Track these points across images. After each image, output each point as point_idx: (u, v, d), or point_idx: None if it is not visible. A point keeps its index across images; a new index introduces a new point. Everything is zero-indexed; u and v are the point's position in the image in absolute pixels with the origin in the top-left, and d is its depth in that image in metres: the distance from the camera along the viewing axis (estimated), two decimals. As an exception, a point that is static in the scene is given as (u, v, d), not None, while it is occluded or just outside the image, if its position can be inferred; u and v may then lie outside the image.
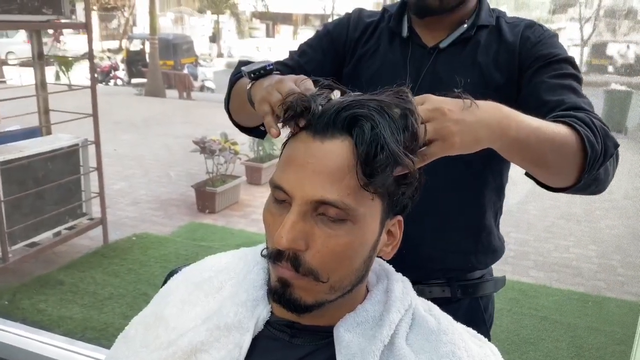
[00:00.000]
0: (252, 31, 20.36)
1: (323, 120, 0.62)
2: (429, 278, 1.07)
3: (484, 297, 1.12)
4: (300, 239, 0.61)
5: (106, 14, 20.24)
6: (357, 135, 0.60)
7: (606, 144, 0.81)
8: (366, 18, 1.11)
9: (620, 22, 7.29)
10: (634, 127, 5.72)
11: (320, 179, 0.61)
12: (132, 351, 0.76)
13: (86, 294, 3.17)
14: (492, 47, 1.02)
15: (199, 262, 0.82)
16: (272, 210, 0.66)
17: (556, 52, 0.97)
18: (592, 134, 0.79)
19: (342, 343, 0.66)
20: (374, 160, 0.59)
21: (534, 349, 2.75)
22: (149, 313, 0.79)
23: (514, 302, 3.25)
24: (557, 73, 0.94)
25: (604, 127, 0.83)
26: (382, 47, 1.08)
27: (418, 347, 0.68)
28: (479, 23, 1.03)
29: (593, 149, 0.78)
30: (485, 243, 1.09)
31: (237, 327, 0.70)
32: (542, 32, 1.01)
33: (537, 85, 0.95)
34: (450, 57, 1.03)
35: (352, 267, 0.65)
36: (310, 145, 0.62)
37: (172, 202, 5.09)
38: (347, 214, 0.61)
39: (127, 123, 8.37)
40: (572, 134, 0.78)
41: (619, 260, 3.95)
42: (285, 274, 0.63)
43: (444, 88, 0.97)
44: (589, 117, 0.82)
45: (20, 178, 3.22)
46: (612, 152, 0.82)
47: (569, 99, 0.90)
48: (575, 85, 0.93)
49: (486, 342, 0.76)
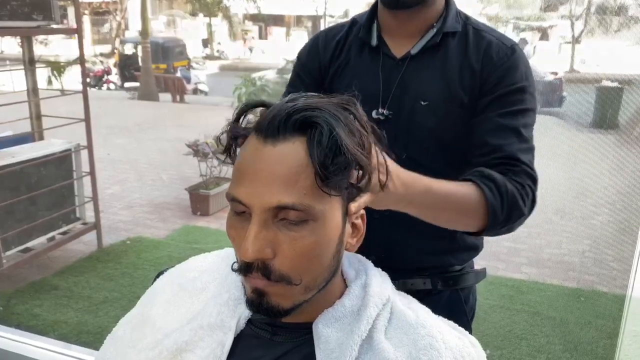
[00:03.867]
0: (245, 33, 20.35)
1: (274, 123, 0.62)
2: (405, 277, 1.09)
3: (464, 288, 1.14)
4: (266, 248, 0.61)
5: (98, 18, 20.19)
6: (314, 137, 0.61)
7: (511, 214, 0.91)
8: (333, 38, 1.11)
9: (611, 19, 7.34)
10: (625, 123, 5.77)
11: (276, 185, 0.60)
12: (120, 351, 0.78)
13: (81, 298, 3.17)
14: (457, 62, 1.02)
15: (184, 263, 0.84)
16: (233, 223, 0.65)
17: (515, 79, 0.98)
18: (499, 204, 0.89)
19: (321, 338, 0.67)
20: (333, 162, 0.60)
21: (526, 344, 2.77)
22: (136, 313, 0.80)
23: (507, 298, 3.27)
24: (506, 111, 0.97)
25: (515, 197, 0.91)
26: (352, 60, 1.08)
27: (397, 340, 0.69)
28: (445, 30, 1.02)
29: (495, 218, 0.90)
30: (460, 242, 1.10)
31: (219, 326, 0.71)
32: (506, 53, 1.00)
33: (484, 121, 0.98)
34: (420, 68, 1.03)
35: (322, 265, 0.65)
36: (261, 151, 0.62)
37: (166, 205, 5.09)
38: (308, 214, 0.61)
39: (121, 127, 8.36)
40: (479, 200, 0.89)
41: (611, 255, 3.98)
42: (258, 284, 0.63)
43: (410, 100, 1.02)
44: (505, 185, 0.90)
45: (13, 184, 3.22)
46: (515, 221, 0.93)
47: (509, 146, 0.95)
48: (522, 125, 0.97)
49: (467, 334, 0.77)
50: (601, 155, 5.20)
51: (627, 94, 6.07)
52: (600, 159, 5.08)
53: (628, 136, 5.24)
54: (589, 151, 5.32)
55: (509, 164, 0.94)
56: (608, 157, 5.11)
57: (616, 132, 5.73)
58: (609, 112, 5.88)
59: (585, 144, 5.60)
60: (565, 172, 5.21)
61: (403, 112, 1.02)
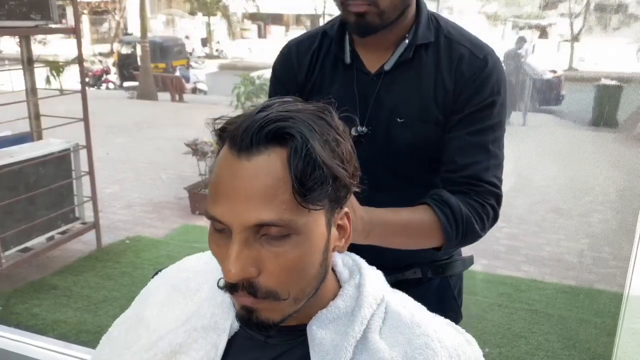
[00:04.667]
0: (244, 32, 20.34)
1: (247, 136, 0.59)
2: (395, 269, 1.12)
3: (453, 276, 1.18)
4: (249, 267, 0.59)
5: (97, 18, 20.17)
6: (289, 151, 0.58)
7: (466, 237, 0.98)
8: (304, 53, 1.09)
9: (610, 17, 7.34)
10: (624, 122, 5.77)
11: (254, 202, 0.58)
12: (115, 352, 0.78)
13: (80, 297, 3.18)
14: (431, 78, 1.01)
15: (178, 263, 0.84)
16: (215, 240, 0.63)
17: (484, 95, 0.99)
18: (454, 231, 0.96)
19: (315, 340, 0.67)
20: (310, 178, 0.58)
21: (525, 342, 2.78)
22: (131, 314, 0.80)
23: (506, 296, 3.28)
24: (475, 129, 0.99)
25: (471, 221, 0.97)
26: (327, 76, 1.07)
27: (392, 340, 0.69)
28: (418, 42, 1.00)
29: (449, 241, 0.97)
30: None
31: (213, 328, 0.71)
32: (478, 66, 0.99)
33: (454, 139, 1.01)
34: (394, 84, 1.02)
35: (309, 276, 0.64)
36: (236, 166, 0.59)
37: (166, 204, 5.09)
38: (290, 229, 0.59)
39: (120, 127, 8.35)
40: (435, 226, 0.95)
41: (609, 252, 3.98)
42: (245, 302, 0.62)
43: (387, 117, 1.03)
44: (461, 211, 0.96)
45: (12, 184, 3.22)
46: (470, 242, 1.00)
47: (475, 165, 0.99)
48: (490, 141, 1.00)
49: (463, 332, 0.77)
50: (600, 154, 5.21)
51: (626, 92, 6.08)
52: (599, 157, 5.09)
53: (627, 134, 5.25)
54: (588, 149, 5.33)
55: (473, 184, 0.99)
56: (607, 156, 5.11)
57: (615, 130, 5.74)
58: (608, 110, 5.89)
59: (584, 142, 5.61)
60: (564, 171, 5.22)
61: (380, 129, 1.03)
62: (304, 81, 1.09)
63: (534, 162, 1.86)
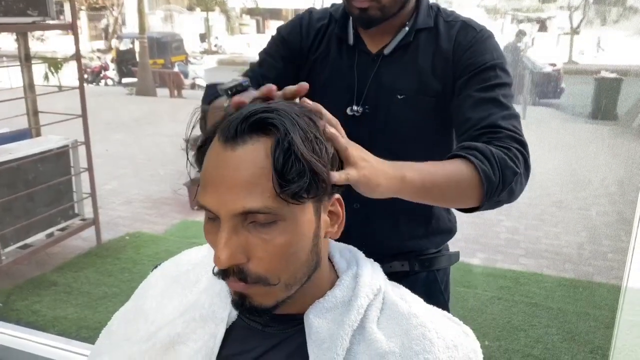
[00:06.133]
0: (242, 27, 20.29)
1: (233, 127, 0.61)
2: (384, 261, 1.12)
3: (440, 270, 1.20)
4: (238, 253, 0.61)
5: (95, 14, 20.11)
6: (273, 142, 0.60)
7: (504, 174, 0.87)
8: (316, 22, 1.14)
9: (610, 10, 7.32)
10: (623, 114, 5.76)
11: (239, 190, 0.60)
12: (114, 345, 0.78)
13: (80, 294, 3.18)
14: (429, 53, 1.05)
15: (177, 256, 0.85)
16: (209, 229, 0.65)
17: (485, 59, 1.01)
18: (489, 167, 0.86)
19: (312, 329, 0.68)
20: (290, 171, 0.59)
21: (524, 335, 2.78)
22: (130, 307, 0.81)
23: (505, 290, 3.28)
24: (483, 86, 0.99)
25: (503, 157, 0.88)
26: (331, 53, 1.11)
27: (390, 330, 0.70)
28: (417, 27, 1.06)
29: (490, 181, 0.86)
30: (435, 227, 1.17)
31: (211, 318, 0.72)
32: (474, 36, 1.03)
33: (464, 99, 1.00)
34: (393, 63, 1.07)
35: (299, 262, 0.64)
36: (223, 156, 0.61)
37: (165, 200, 5.09)
38: (276, 216, 0.61)
39: (118, 123, 8.35)
40: (469, 169, 0.86)
41: (608, 245, 3.99)
42: (236, 287, 0.64)
43: (387, 95, 1.06)
44: (489, 149, 0.88)
45: (11, 180, 3.22)
46: (511, 180, 0.89)
47: (490, 117, 0.95)
48: (500, 95, 0.98)
49: (460, 323, 0.78)
50: (599, 147, 5.21)
51: (626, 85, 6.06)
52: (598, 150, 5.09)
53: (626, 127, 5.24)
54: (588, 142, 5.33)
55: (491, 132, 0.94)
56: (606, 148, 5.11)
57: (615, 123, 5.73)
58: (607, 103, 5.88)
59: (584, 135, 5.61)
60: (563, 164, 5.22)
61: (381, 107, 1.06)
62: (307, 50, 1.12)
63: (534, 155, 1.87)
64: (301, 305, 0.69)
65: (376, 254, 0.82)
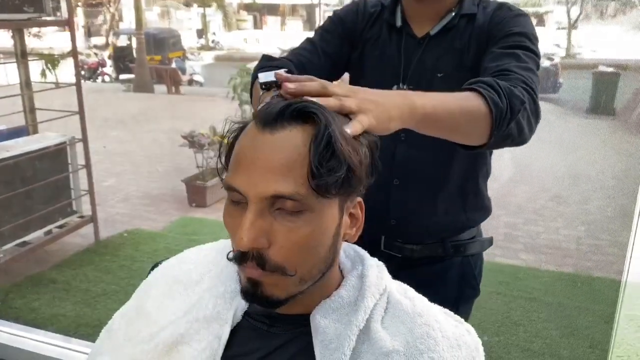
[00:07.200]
0: (240, 23, 20.23)
1: (273, 112, 0.61)
2: (422, 240, 1.18)
3: (474, 255, 1.25)
4: (261, 237, 0.61)
5: (91, 10, 20.03)
6: (314, 132, 0.60)
7: (511, 101, 0.87)
8: (370, 8, 1.23)
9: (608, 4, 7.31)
10: (621, 109, 5.76)
11: (273, 174, 0.59)
12: (116, 345, 0.77)
13: (79, 291, 3.18)
14: (467, 34, 1.13)
15: (179, 255, 0.84)
16: (230, 212, 0.64)
17: (514, 28, 1.06)
18: (496, 94, 0.85)
19: (319, 329, 0.67)
20: (328, 163, 0.59)
21: (523, 330, 2.79)
22: (131, 307, 0.80)
23: (504, 285, 3.28)
24: (506, 44, 1.03)
25: (509, 87, 0.88)
26: (382, 36, 1.20)
27: (394, 330, 0.69)
28: (463, 12, 1.14)
29: (497, 107, 0.84)
30: (472, 203, 1.21)
31: (216, 319, 0.71)
32: (507, 12, 1.11)
33: (488, 55, 1.05)
34: (435, 45, 1.15)
35: (317, 257, 0.64)
36: (259, 139, 0.61)
37: (163, 197, 5.08)
38: (304, 205, 0.60)
39: (116, 119, 8.33)
40: (476, 97, 0.85)
41: (607, 240, 3.99)
42: (252, 274, 0.63)
43: (428, 74, 1.14)
44: (495, 80, 0.88)
45: (8, 178, 3.21)
46: (519, 108, 0.88)
47: (504, 65, 0.97)
48: (521, 53, 1.00)
49: (462, 322, 0.77)
50: (598, 141, 5.20)
51: (624, 79, 6.06)
52: (596, 145, 5.08)
53: (624, 121, 5.24)
54: (586, 137, 5.32)
55: (501, 74, 0.94)
56: (604, 143, 5.11)
57: (613, 117, 5.72)
58: (605, 97, 5.87)
59: (582, 130, 5.60)
60: (561, 158, 5.21)
61: (422, 85, 1.11)
62: (361, 30, 1.22)
63: (533, 150, 1.87)
64: (307, 305, 0.69)
65: (412, 233, 0.82)
